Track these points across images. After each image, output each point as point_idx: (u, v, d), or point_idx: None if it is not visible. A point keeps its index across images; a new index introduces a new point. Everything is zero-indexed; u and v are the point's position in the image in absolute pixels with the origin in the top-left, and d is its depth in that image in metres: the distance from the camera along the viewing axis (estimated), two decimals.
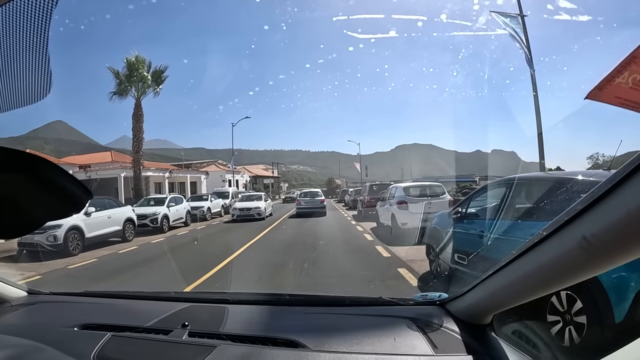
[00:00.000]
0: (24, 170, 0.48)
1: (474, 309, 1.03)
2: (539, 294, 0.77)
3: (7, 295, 1.45)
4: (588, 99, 1.58)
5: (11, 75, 0.87)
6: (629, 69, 1.47)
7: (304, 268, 5.90)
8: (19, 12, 0.79)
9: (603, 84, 1.51)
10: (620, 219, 0.50)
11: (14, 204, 0.50)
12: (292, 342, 1.02)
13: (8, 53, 0.85)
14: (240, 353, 0.98)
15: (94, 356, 0.99)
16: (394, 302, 1.30)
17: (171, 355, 1.00)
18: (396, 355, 0.94)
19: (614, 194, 0.52)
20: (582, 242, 0.56)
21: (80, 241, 8.71)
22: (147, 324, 1.17)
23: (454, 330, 1.03)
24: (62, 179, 0.52)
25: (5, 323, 1.28)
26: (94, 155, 27.39)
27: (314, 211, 15.96)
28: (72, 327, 1.19)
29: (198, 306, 1.41)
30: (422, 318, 1.11)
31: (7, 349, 1.01)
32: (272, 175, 52.33)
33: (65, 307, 1.49)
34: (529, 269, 0.72)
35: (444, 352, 0.93)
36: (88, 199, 0.57)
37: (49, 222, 0.61)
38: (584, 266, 0.60)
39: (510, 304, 0.92)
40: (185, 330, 1.10)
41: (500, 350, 0.93)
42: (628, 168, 0.49)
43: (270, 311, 1.33)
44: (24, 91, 0.89)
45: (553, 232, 0.63)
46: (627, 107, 1.54)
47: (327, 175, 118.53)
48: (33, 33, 0.83)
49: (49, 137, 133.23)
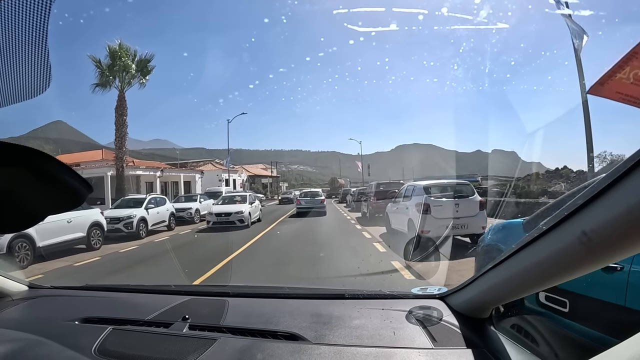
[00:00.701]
0: (24, 164, 0.47)
1: (474, 302, 1.04)
2: (538, 288, 0.77)
3: (8, 290, 1.45)
4: (589, 94, 1.58)
5: (10, 71, 0.87)
6: (630, 65, 1.47)
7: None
8: (16, 5, 0.79)
9: (604, 79, 1.51)
10: (620, 214, 0.50)
11: (13, 198, 0.50)
12: (292, 335, 1.02)
13: (6, 48, 0.84)
14: (240, 346, 0.99)
15: (95, 349, 1.00)
16: (393, 295, 1.31)
17: (172, 348, 1.00)
18: (395, 349, 0.94)
19: (614, 190, 0.51)
20: (581, 237, 0.56)
21: (30, 251, 7.16)
22: (148, 317, 1.18)
23: (453, 323, 1.04)
24: (62, 173, 0.51)
25: (6, 317, 1.28)
26: (86, 154, 25.78)
27: (314, 210, 16.06)
28: (73, 321, 1.19)
29: (198, 299, 1.41)
30: (422, 311, 1.12)
31: (9, 343, 1.01)
32: (270, 175, 51.34)
33: (66, 301, 1.50)
34: (529, 264, 0.72)
35: (443, 345, 0.94)
36: (88, 193, 0.56)
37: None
38: (584, 261, 0.60)
39: (509, 298, 0.93)
40: (185, 324, 1.10)
41: (499, 344, 0.93)
42: (628, 163, 0.49)
43: (270, 304, 1.33)
44: (23, 87, 0.89)
45: (553, 227, 0.63)
46: (628, 102, 1.54)
47: (327, 175, 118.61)
48: (32, 27, 0.83)
49: (49, 137, 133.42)
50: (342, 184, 44.51)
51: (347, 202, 23.53)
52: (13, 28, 0.81)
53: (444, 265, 4.66)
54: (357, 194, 18.90)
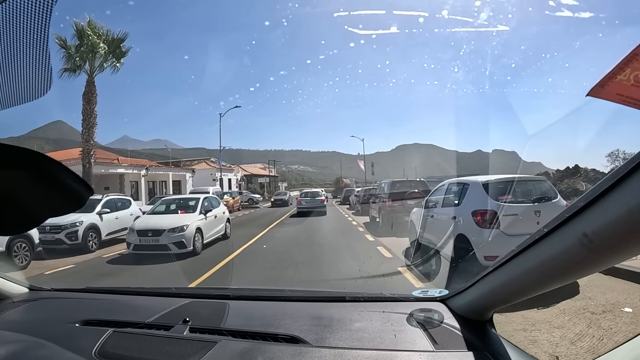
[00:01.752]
0: (25, 166, 0.47)
1: (475, 305, 1.04)
2: (539, 290, 0.77)
3: (9, 292, 1.45)
4: (589, 96, 1.58)
5: (11, 73, 0.87)
6: (630, 66, 1.47)
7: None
8: (18, 8, 0.79)
9: (604, 81, 1.50)
10: (621, 216, 0.50)
11: (14, 200, 0.50)
12: (293, 337, 1.02)
13: (7, 50, 0.84)
14: (241, 349, 0.98)
15: (96, 352, 1.00)
16: (394, 298, 1.31)
17: (172, 350, 1.00)
18: (396, 351, 0.94)
19: (614, 192, 0.51)
20: (582, 239, 0.56)
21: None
22: (148, 320, 1.18)
23: (454, 326, 1.03)
24: (62, 175, 0.51)
25: (7, 319, 1.28)
26: (71, 151, 20.81)
27: (314, 210, 16.26)
28: (74, 323, 1.19)
29: (199, 302, 1.41)
30: (423, 314, 1.12)
31: (9, 345, 1.01)
32: (268, 174, 49.57)
33: (66, 303, 1.50)
34: (530, 266, 0.72)
35: (444, 348, 0.94)
36: (89, 195, 0.56)
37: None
38: (585, 263, 0.60)
39: (510, 301, 0.92)
40: (186, 326, 1.11)
41: (500, 347, 0.93)
42: (629, 165, 0.49)
43: (271, 307, 1.33)
44: (24, 89, 0.89)
45: (554, 229, 0.63)
46: (629, 104, 1.53)
47: (328, 175, 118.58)
48: (33, 29, 0.83)
49: (50, 137, 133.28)
50: (347, 184, 42.52)
51: (349, 203, 21.23)
52: (14, 30, 0.81)
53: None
54: (362, 195, 16.71)
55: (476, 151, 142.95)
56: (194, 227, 7.59)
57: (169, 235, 7.27)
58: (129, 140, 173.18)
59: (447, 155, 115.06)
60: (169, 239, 7.26)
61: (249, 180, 41.11)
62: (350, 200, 20.98)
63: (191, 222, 7.61)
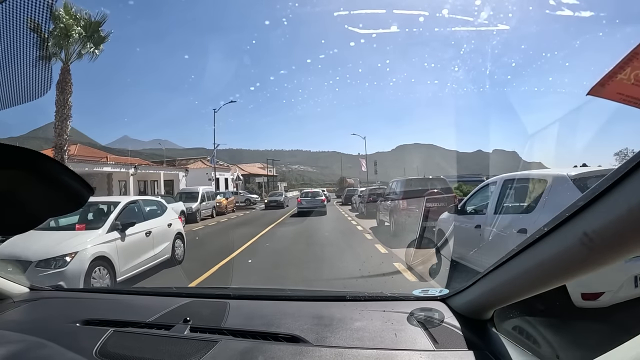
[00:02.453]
0: (25, 166, 0.47)
1: (475, 304, 1.04)
2: (539, 290, 0.77)
3: (9, 292, 1.45)
4: (590, 95, 1.58)
5: (11, 73, 0.87)
6: (631, 65, 1.47)
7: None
8: (18, 7, 0.79)
9: (605, 80, 1.51)
10: (622, 215, 0.50)
11: (15, 200, 0.50)
12: (294, 337, 1.02)
13: (7, 50, 0.85)
14: (241, 348, 0.99)
15: (96, 351, 1.00)
16: (394, 297, 1.31)
17: (173, 350, 1.00)
18: (397, 351, 0.94)
19: (615, 191, 0.51)
20: (583, 238, 0.55)
21: None
22: (149, 320, 1.18)
23: (454, 325, 1.04)
24: (62, 175, 0.51)
25: (8, 319, 1.28)
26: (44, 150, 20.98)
27: (315, 210, 16.58)
28: (74, 323, 1.19)
29: (199, 301, 1.41)
30: (423, 313, 1.12)
31: (10, 345, 1.01)
32: (266, 174, 48.11)
33: (67, 303, 1.50)
34: (530, 265, 0.72)
35: (445, 347, 0.94)
36: (90, 195, 0.56)
37: None
38: (586, 262, 0.60)
39: (511, 300, 0.92)
40: (186, 326, 1.11)
41: (501, 346, 0.93)
42: (630, 164, 0.49)
43: (271, 306, 1.34)
44: (24, 89, 0.89)
45: (554, 228, 0.63)
46: (629, 103, 1.53)
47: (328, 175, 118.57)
48: (33, 29, 0.83)
49: (49, 138, 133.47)
50: (351, 184, 40.32)
51: (352, 204, 19.81)
52: (14, 30, 0.81)
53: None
54: (367, 195, 15.27)
55: (476, 151, 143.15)
56: (90, 256, 4.21)
57: (36, 273, 3.79)
58: (129, 140, 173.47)
59: (448, 155, 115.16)
60: (37, 279, 3.59)
61: (247, 180, 40.28)
62: (353, 201, 19.67)
63: (84, 248, 4.24)
